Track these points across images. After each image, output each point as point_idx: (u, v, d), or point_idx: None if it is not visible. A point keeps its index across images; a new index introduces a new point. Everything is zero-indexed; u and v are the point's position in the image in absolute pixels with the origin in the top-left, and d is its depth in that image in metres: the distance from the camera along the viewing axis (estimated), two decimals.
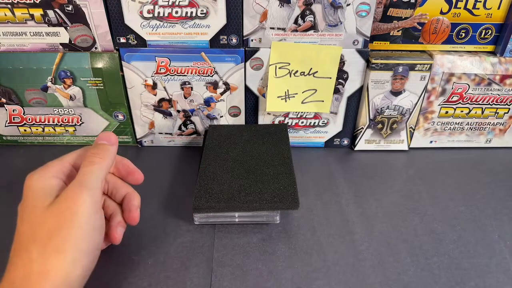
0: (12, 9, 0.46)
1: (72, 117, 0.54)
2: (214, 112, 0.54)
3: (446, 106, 0.54)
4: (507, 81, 0.51)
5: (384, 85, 0.51)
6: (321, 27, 0.47)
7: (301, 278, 0.38)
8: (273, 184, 0.43)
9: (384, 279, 0.38)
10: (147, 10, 0.46)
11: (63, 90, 0.51)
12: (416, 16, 0.49)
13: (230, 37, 0.48)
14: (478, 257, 0.40)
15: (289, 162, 0.46)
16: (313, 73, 0.50)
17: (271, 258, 0.40)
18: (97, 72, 0.50)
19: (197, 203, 0.41)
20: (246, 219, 0.43)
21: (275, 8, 0.46)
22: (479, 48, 0.52)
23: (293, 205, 0.41)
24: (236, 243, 0.41)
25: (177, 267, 0.39)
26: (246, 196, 0.42)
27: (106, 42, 0.48)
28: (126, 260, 0.39)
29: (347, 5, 0.46)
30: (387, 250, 0.41)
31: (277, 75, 0.50)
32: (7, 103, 0.53)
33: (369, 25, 0.47)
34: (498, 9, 0.49)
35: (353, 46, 0.49)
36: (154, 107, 0.53)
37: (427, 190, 0.49)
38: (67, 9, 0.46)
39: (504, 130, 0.56)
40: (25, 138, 0.56)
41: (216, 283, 0.37)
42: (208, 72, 0.50)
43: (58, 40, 0.48)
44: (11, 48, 0.49)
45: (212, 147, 0.49)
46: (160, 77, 0.51)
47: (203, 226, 0.43)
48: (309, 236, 0.42)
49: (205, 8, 0.46)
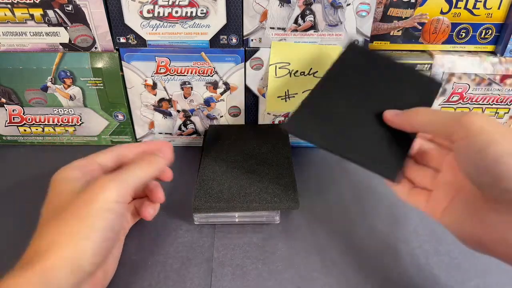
0: (12, 9, 0.46)
1: (72, 117, 0.54)
2: (214, 112, 0.54)
3: (447, 106, 0.54)
4: (507, 81, 0.51)
5: None
6: (321, 27, 0.47)
7: (301, 278, 0.38)
8: (273, 184, 0.43)
9: (384, 279, 0.38)
10: (147, 10, 0.46)
11: (63, 90, 0.51)
12: (416, 16, 0.49)
13: (230, 37, 0.48)
14: (478, 257, 0.40)
15: (289, 162, 0.46)
16: (313, 73, 0.50)
17: (271, 258, 0.40)
18: (97, 72, 0.50)
19: (197, 203, 0.41)
20: (246, 219, 0.43)
21: (275, 8, 0.46)
22: (479, 48, 0.52)
23: (293, 205, 0.41)
24: (236, 243, 0.41)
25: (177, 267, 0.39)
26: (246, 196, 0.42)
27: (106, 42, 0.48)
28: (126, 260, 0.39)
29: (347, 5, 0.46)
30: (387, 250, 0.41)
31: (277, 75, 0.50)
32: (7, 103, 0.53)
33: (369, 25, 0.47)
34: (498, 9, 0.49)
35: None
36: (154, 107, 0.53)
37: None
38: (67, 9, 0.46)
39: None
40: (25, 138, 0.56)
41: (216, 283, 0.37)
42: (208, 72, 0.50)
43: (58, 40, 0.48)
44: (11, 48, 0.49)
45: (212, 147, 0.49)
46: (160, 77, 0.51)
47: (203, 226, 0.43)
48: (309, 236, 0.42)
49: (205, 8, 0.46)
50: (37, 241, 0.30)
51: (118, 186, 0.32)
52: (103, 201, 0.31)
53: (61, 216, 0.30)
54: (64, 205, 0.31)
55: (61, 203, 0.31)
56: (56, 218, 0.30)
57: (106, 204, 0.31)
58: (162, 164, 0.38)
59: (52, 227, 0.30)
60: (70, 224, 0.29)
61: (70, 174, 0.34)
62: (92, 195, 0.31)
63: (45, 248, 0.28)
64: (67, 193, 0.32)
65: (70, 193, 0.32)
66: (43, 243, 0.29)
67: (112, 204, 0.31)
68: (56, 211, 0.31)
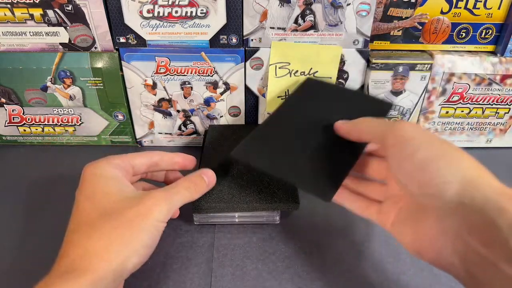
0: (12, 9, 0.46)
1: (71, 117, 0.54)
2: (214, 112, 0.54)
3: (447, 106, 0.54)
4: (508, 81, 0.51)
5: (384, 85, 0.51)
6: (321, 27, 0.47)
7: (301, 278, 0.38)
8: (273, 184, 0.43)
9: (384, 279, 0.38)
10: (147, 10, 0.46)
11: (62, 90, 0.51)
12: (416, 16, 0.49)
13: (230, 37, 0.48)
14: None
15: None
16: (313, 73, 0.50)
17: (271, 258, 0.40)
18: (97, 72, 0.50)
19: (197, 203, 0.41)
20: (246, 219, 0.43)
21: (275, 8, 0.46)
22: (480, 48, 0.52)
23: (293, 205, 0.41)
24: (236, 243, 0.41)
25: (177, 267, 0.38)
26: (246, 196, 0.42)
27: (105, 42, 0.48)
28: None
29: (347, 4, 0.46)
30: (387, 250, 0.41)
31: (277, 75, 0.50)
32: (6, 103, 0.53)
33: (369, 25, 0.47)
34: (499, 9, 0.49)
35: (353, 46, 0.49)
36: (154, 107, 0.53)
37: None
38: (66, 9, 0.46)
39: (505, 130, 0.56)
40: (25, 138, 0.56)
41: (216, 283, 0.37)
42: (208, 72, 0.50)
43: (58, 40, 0.48)
44: (11, 48, 0.49)
45: (212, 147, 0.49)
46: (160, 77, 0.51)
47: (203, 226, 0.43)
48: (309, 236, 0.42)
49: (205, 7, 0.46)
50: (85, 241, 0.29)
51: (168, 206, 0.32)
52: (154, 219, 0.31)
53: (114, 222, 0.30)
54: (115, 209, 0.30)
55: (110, 205, 0.31)
56: (107, 221, 0.30)
57: (156, 222, 0.31)
58: (205, 190, 0.38)
59: (104, 231, 0.29)
60: (124, 234, 0.29)
61: (110, 172, 0.33)
62: (147, 211, 0.31)
63: (98, 255, 0.28)
64: (115, 194, 0.32)
65: (120, 197, 0.31)
66: (95, 248, 0.29)
67: (160, 223, 0.32)
68: (105, 212, 0.30)
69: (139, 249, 0.30)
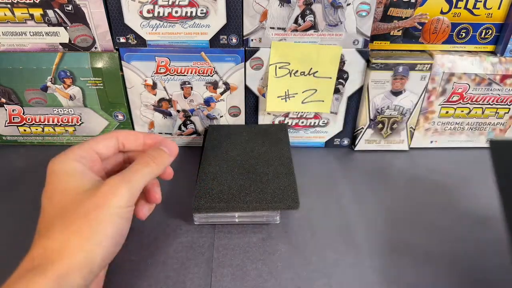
0: (12, 9, 0.46)
1: (71, 117, 0.54)
2: (214, 112, 0.54)
3: (447, 106, 0.54)
4: (507, 81, 0.51)
5: (384, 85, 0.51)
6: (321, 27, 0.47)
7: (301, 278, 0.38)
8: (273, 184, 0.43)
9: (384, 279, 0.38)
10: (147, 10, 0.46)
11: (63, 90, 0.51)
12: (416, 16, 0.49)
13: (230, 37, 0.48)
14: (478, 257, 0.40)
15: (289, 162, 0.46)
16: (313, 73, 0.50)
17: (271, 258, 0.40)
18: (97, 72, 0.50)
19: (197, 203, 0.41)
20: (246, 219, 0.43)
21: (275, 8, 0.46)
22: (480, 48, 0.52)
23: (293, 205, 0.41)
24: (236, 243, 0.41)
25: (177, 267, 0.38)
26: (246, 196, 0.42)
27: (106, 42, 0.48)
28: (126, 260, 0.39)
29: (347, 4, 0.46)
30: (387, 250, 0.41)
31: (277, 75, 0.50)
32: (7, 103, 0.53)
33: (369, 25, 0.47)
34: (499, 9, 0.49)
35: (353, 46, 0.49)
36: (154, 107, 0.53)
37: (427, 190, 0.49)
38: (67, 9, 0.46)
39: (505, 130, 0.56)
40: (25, 138, 0.56)
41: (216, 283, 0.37)
42: (208, 72, 0.50)
43: (58, 40, 0.48)
44: (11, 48, 0.49)
45: (212, 147, 0.49)
46: (160, 77, 0.51)
47: (203, 226, 0.43)
48: (309, 236, 0.42)
49: (205, 8, 0.46)
50: (43, 241, 0.29)
51: (128, 189, 0.31)
52: (115, 206, 0.30)
53: (71, 217, 0.29)
54: (71, 205, 0.30)
55: (67, 201, 0.30)
56: (64, 218, 0.29)
57: (118, 209, 0.30)
58: (168, 161, 0.36)
59: (61, 228, 0.29)
60: (82, 228, 0.29)
61: (70, 166, 0.32)
62: (104, 200, 0.30)
63: (57, 252, 0.28)
64: (73, 190, 0.31)
65: (77, 191, 0.30)
66: (53, 245, 0.28)
67: (123, 209, 0.30)
68: (63, 209, 0.30)
69: (102, 240, 0.29)
